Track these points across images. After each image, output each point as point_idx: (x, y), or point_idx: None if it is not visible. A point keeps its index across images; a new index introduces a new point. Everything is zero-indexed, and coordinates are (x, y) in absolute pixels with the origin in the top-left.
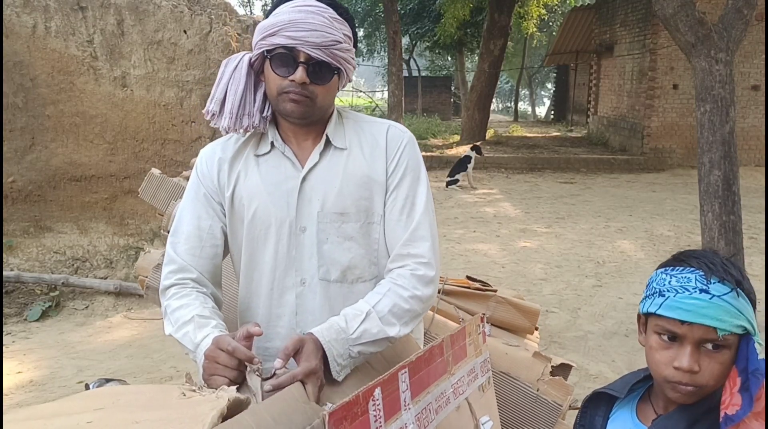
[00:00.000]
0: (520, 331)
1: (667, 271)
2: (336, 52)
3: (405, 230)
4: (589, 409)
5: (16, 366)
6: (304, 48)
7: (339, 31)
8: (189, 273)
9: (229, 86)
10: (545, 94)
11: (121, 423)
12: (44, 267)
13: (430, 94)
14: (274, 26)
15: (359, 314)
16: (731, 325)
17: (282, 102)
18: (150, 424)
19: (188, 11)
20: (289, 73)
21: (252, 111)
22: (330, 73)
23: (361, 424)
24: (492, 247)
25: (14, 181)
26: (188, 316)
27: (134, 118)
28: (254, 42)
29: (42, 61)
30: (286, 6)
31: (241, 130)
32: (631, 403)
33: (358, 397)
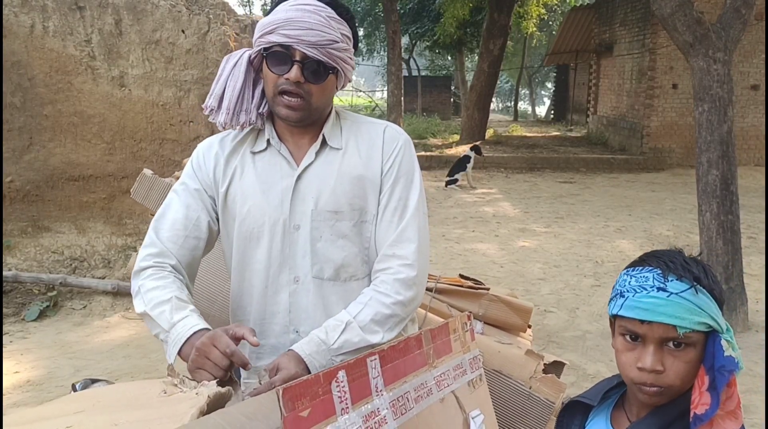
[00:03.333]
0: (513, 329)
1: (629, 272)
2: (332, 51)
3: (394, 231)
4: (565, 419)
5: (14, 366)
6: (300, 46)
7: (336, 30)
8: (168, 259)
9: (228, 82)
10: (545, 93)
11: (101, 425)
12: (42, 267)
13: (429, 94)
14: (272, 24)
15: (339, 325)
16: (691, 323)
17: (277, 105)
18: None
19: (186, 11)
20: (284, 71)
21: (249, 107)
22: (326, 73)
23: (323, 403)
24: (491, 247)
25: (12, 181)
26: (166, 296)
27: (132, 117)
28: (254, 39)
29: (40, 61)
30: (286, 4)
31: (237, 126)
32: (606, 411)
33: (319, 377)
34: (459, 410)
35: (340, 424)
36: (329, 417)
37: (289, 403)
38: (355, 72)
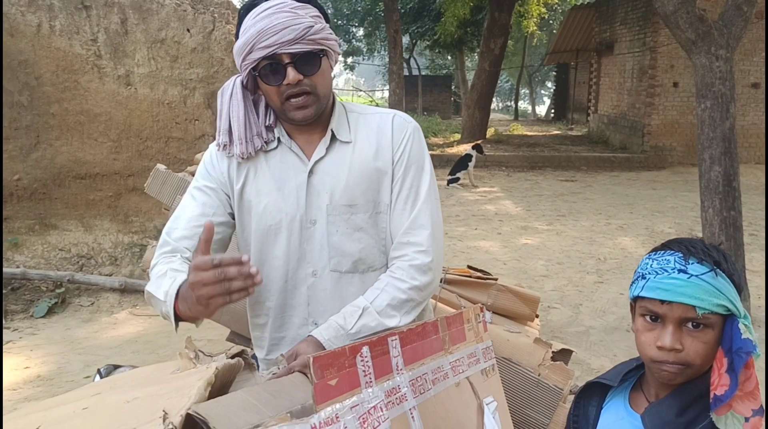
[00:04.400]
0: (521, 318)
1: (651, 256)
2: (313, 37)
3: (407, 219)
4: (583, 400)
5: (24, 361)
6: (283, 49)
7: (305, 16)
8: (182, 253)
9: (231, 114)
10: (545, 92)
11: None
12: (50, 264)
13: (430, 93)
14: (248, 43)
15: (356, 310)
16: (710, 304)
17: (289, 111)
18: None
19: (191, 10)
20: (280, 78)
21: (259, 130)
22: (317, 60)
23: (349, 375)
24: (493, 245)
25: (20, 179)
26: (162, 271)
27: (138, 116)
28: (238, 65)
29: (47, 60)
30: (248, 20)
31: (254, 151)
32: (624, 393)
33: (345, 350)
34: (473, 396)
35: (365, 396)
36: (354, 389)
37: (319, 372)
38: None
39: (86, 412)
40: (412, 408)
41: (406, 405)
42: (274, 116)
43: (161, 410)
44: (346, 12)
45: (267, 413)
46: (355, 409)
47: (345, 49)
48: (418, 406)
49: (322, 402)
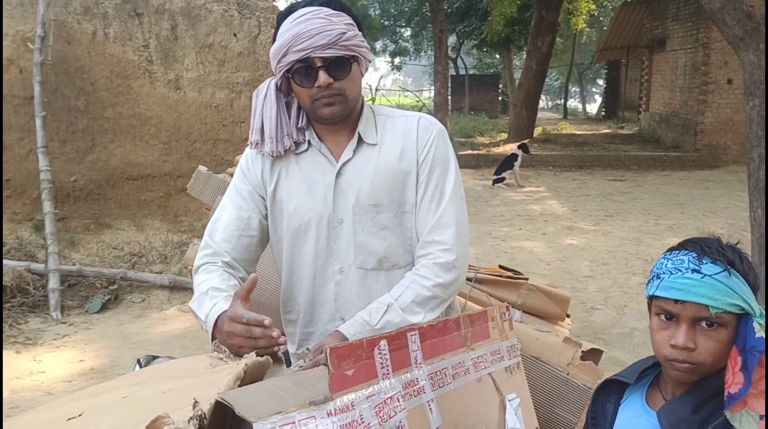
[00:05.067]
0: (552, 317)
1: (666, 256)
2: (345, 43)
3: (432, 218)
4: (601, 397)
5: (78, 355)
6: (316, 53)
7: (339, 23)
8: (222, 256)
9: (264, 114)
10: (596, 90)
11: (152, 394)
12: (104, 262)
13: (477, 93)
14: (283, 46)
15: (381, 306)
16: (724, 304)
17: (317, 110)
18: (175, 392)
19: (238, 15)
20: (312, 81)
21: (290, 130)
22: (348, 65)
23: (367, 367)
24: (538, 245)
25: (76, 181)
26: (204, 288)
27: (187, 119)
28: (273, 67)
29: (101, 66)
30: (285, 24)
31: (283, 150)
32: (642, 390)
33: (362, 343)
34: (495, 392)
35: (382, 387)
36: (371, 379)
37: (336, 362)
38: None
39: (126, 401)
40: (430, 400)
41: (424, 397)
42: (306, 119)
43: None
44: (393, 12)
45: (290, 402)
46: (371, 399)
47: (392, 50)
48: (436, 398)
49: (338, 390)
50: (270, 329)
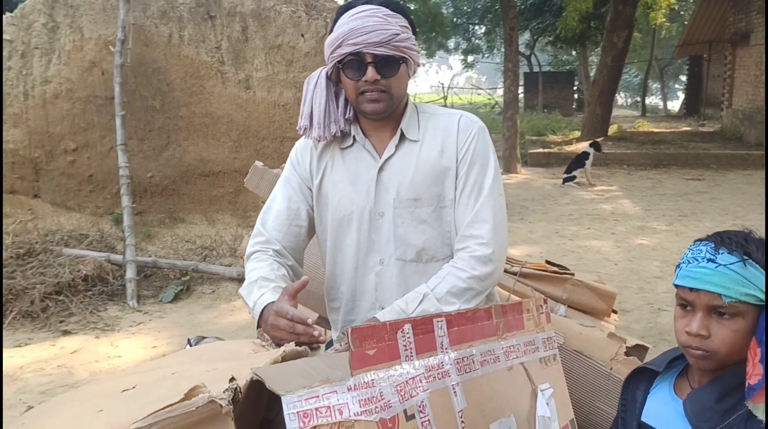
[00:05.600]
0: (597, 313)
1: (690, 247)
2: (397, 44)
3: (470, 213)
4: (631, 384)
5: (152, 341)
6: (368, 49)
7: (395, 24)
8: (273, 245)
9: (314, 101)
10: (679, 87)
11: (198, 372)
12: (177, 254)
13: (551, 90)
14: (338, 38)
15: (417, 296)
16: (737, 293)
17: (362, 104)
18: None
19: (306, 16)
20: (361, 75)
21: (337, 117)
22: (396, 65)
23: (389, 348)
24: (606, 244)
25: (152, 176)
26: (254, 277)
27: (256, 117)
28: (326, 57)
29: (176, 67)
30: (344, 18)
31: (330, 136)
32: (670, 379)
33: (385, 325)
34: (527, 381)
35: (404, 368)
36: (394, 360)
37: (357, 341)
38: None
39: (174, 376)
40: (455, 384)
41: (449, 381)
42: (354, 112)
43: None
44: (467, 10)
45: (317, 378)
46: (392, 378)
47: (464, 47)
48: (462, 383)
49: (358, 368)
50: (312, 328)
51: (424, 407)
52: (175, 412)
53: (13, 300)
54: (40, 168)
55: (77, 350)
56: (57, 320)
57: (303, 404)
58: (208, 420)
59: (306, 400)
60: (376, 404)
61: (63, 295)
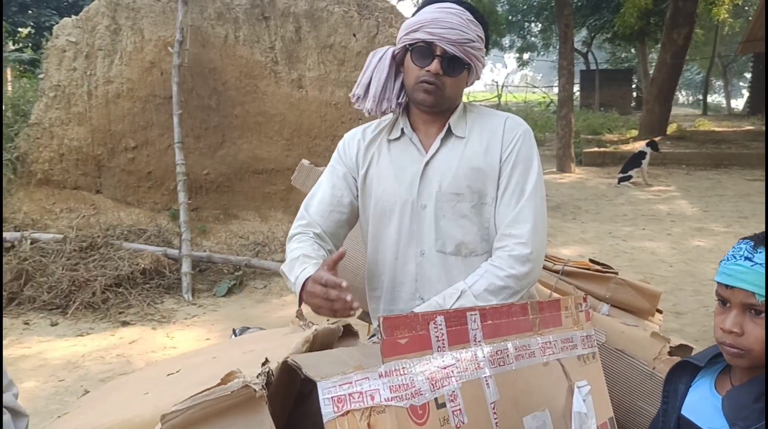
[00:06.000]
0: (641, 312)
1: (734, 245)
2: (468, 49)
3: (511, 213)
4: (674, 377)
5: (206, 333)
6: (441, 43)
7: (473, 31)
8: (314, 228)
9: (374, 74)
10: (744, 85)
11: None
12: (231, 250)
13: (608, 88)
14: (418, 23)
15: (455, 292)
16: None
17: (416, 91)
18: (254, 354)
19: (357, 16)
20: (426, 64)
21: (390, 96)
22: (461, 68)
23: (421, 339)
24: (661, 246)
25: (208, 174)
26: (296, 254)
27: (308, 116)
28: (398, 37)
29: (231, 67)
30: (430, 7)
31: (380, 112)
32: (713, 374)
33: (417, 316)
34: (564, 377)
35: (435, 358)
36: (425, 350)
37: (388, 330)
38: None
39: (214, 360)
40: (488, 377)
41: (482, 373)
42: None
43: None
44: (522, 7)
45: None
46: (423, 366)
47: (519, 45)
48: (495, 375)
49: (389, 355)
50: (345, 291)
51: (455, 397)
52: (211, 396)
53: (76, 291)
54: (102, 165)
55: (135, 340)
56: (116, 311)
57: (337, 390)
58: (242, 404)
59: (340, 385)
60: (406, 391)
61: (122, 288)
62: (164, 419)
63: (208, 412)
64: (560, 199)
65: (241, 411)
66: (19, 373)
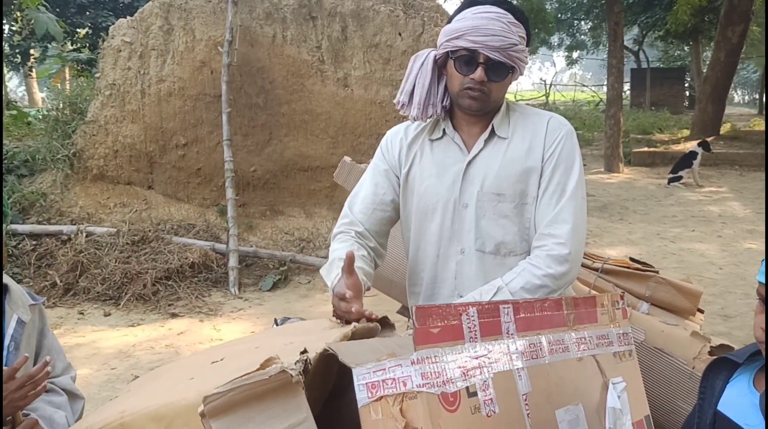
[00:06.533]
0: (681, 312)
1: None
2: (512, 53)
3: (550, 213)
4: (711, 373)
5: (251, 326)
6: (484, 51)
7: (515, 34)
8: (356, 227)
9: (417, 80)
10: None
11: (278, 344)
12: (276, 245)
13: (660, 87)
14: (459, 30)
15: (492, 289)
16: None
17: (462, 98)
18: (294, 345)
19: (403, 15)
20: (470, 72)
21: (435, 101)
22: (505, 72)
23: (453, 329)
24: (710, 248)
25: (255, 171)
26: (333, 257)
27: (353, 114)
28: (439, 42)
29: (279, 66)
30: (469, 12)
31: (426, 118)
32: (751, 372)
33: (450, 307)
34: (599, 373)
35: (467, 348)
36: (457, 340)
37: (421, 319)
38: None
39: (256, 350)
40: (520, 369)
41: (514, 365)
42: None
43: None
44: (572, 5)
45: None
46: (455, 355)
47: (568, 44)
48: (527, 368)
49: (421, 343)
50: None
51: (487, 386)
52: (251, 379)
53: (128, 283)
54: (154, 161)
55: (183, 332)
56: (166, 303)
57: (371, 376)
58: (280, 388)
59: (374, 372)
60: (437, 378)
61: (172, 281)
62: (206, 400)
63: (247, 395)
64: (607, 200)
65: (279, 395)
66: (74, 360)
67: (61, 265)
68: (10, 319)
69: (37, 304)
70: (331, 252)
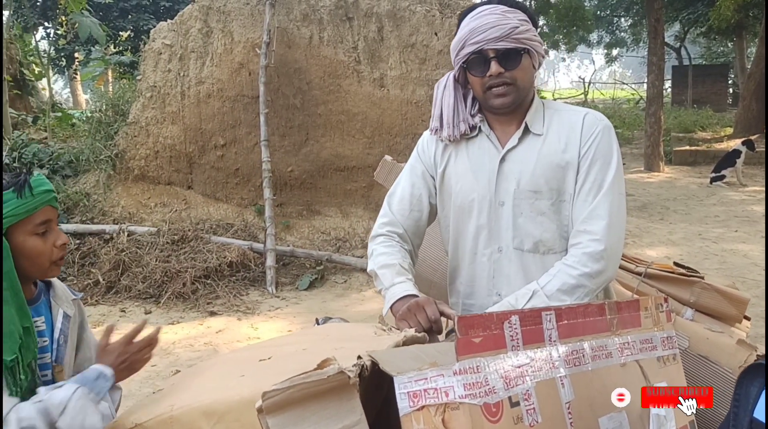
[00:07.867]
0: (727, 319)
1: None
2: (517, 36)
3: (587, 209)
4: (746, 380)
5: (288, 325)
6: (489, 45)
7: (513, 19)
8: (396, 228)
9: (443, 103)
10: None
11: (327, 349)
12: (313, 245)
13: (702, 84)
14: (460, 41)
15: (527, 293)
16: None
17: (489, 99)
18: (345, 350)
19: (439, 15)
20: (485, 71)
21: (465, 116)
22: (519, 56)
23: (495, 338)
24: (754, 249)
25: (292, 171)
26: (392, 261)
27: (389, 115)
28: (453, 60)
29: (316, 67)
30: (464, 21)
31: (459, 135)
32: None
33: (492, 316)
34: (642, 378)
35: (510, 357)
36: (500, 349)
37: (463, 329)
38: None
39: (305, 351)
40: (563, 376)
41: (557, 372)
42: (478, 107)
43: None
44: (611, 2)
45: (427, 362)
46: (497, 365)
47: (608, 41)
48: (570, 375)
49: (463, 354)
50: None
51: (529, 396)
52: (309, 378)
53: (168, 281)
54: (193, 162)
55: (222, 330)
56: (205, 302)
57: (413, 385)
58: (336, 388)
59: (416, 381)
60: (480, 389)
61: (210, 279)
62: (265, 396)
63: (305, 394)
64: (647, 199)
65: (335, 396)
66: None
67: (103, 263)
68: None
69: (77, 298)
70: (378, 253)
